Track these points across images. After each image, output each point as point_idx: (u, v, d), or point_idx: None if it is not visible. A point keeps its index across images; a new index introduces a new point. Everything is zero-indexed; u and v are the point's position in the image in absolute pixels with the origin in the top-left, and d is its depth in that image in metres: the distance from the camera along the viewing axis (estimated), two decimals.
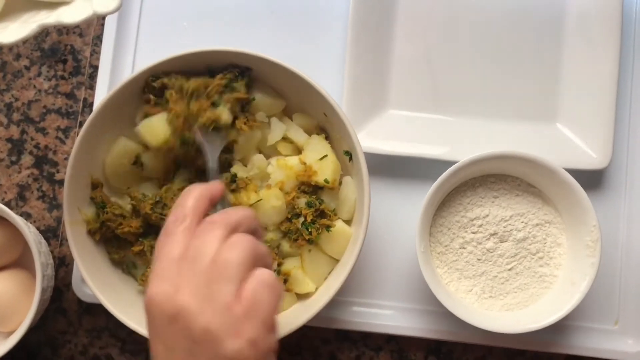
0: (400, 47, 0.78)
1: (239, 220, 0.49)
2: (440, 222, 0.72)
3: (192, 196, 0.50)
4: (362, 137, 0.74)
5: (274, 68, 0.67)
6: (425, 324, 0.76)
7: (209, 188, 0.51)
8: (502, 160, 0.70)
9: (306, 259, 0.67)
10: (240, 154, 0.69)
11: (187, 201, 0.49)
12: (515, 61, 0.78)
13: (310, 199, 0.67)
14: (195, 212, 0.49)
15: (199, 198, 0.50)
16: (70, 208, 0.66)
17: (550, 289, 0.71)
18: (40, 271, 0.70)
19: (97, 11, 0.53)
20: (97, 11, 0.53)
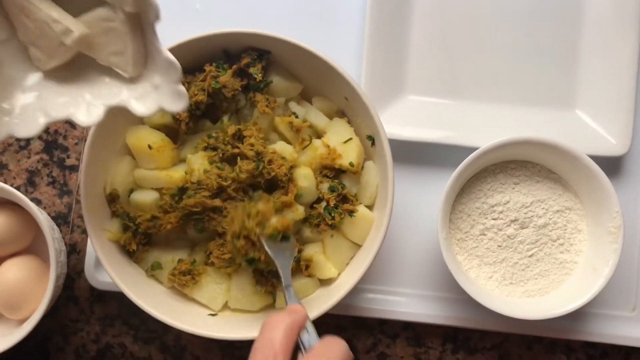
0: (418, 32, 0.77)
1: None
2: (460, 208, 0.72)
3: (281, 330, 0.47)
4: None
5: (295, 51, 0.66)
6: (443, 311, 0.75)
7: (296, 321, 0.50)
8: (524, 146, 0.69)
9: (328, 244, 0.66)
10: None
11: (275, 335, 0.47)
12: (534, 47, 0.77)
13: (333, 183, 0.66)
14: (286, 350, 0.46)
15: (289, 333, 0.48)
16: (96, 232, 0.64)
17: (570, 276, 0.71)
18: (55, 258, 0.69)
19: (163, 107, 0.50)
20: (163, 107, 0.50)
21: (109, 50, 0.47)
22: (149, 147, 0.66)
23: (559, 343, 0.77)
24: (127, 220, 0.66)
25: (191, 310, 0.67)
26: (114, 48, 0.47)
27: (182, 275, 0.66)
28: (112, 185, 0.67)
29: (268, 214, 0.63)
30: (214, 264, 0.67)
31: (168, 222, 0.65)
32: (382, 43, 0.76)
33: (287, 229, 0.63)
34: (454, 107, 0.77)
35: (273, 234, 0.62)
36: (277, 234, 0.62)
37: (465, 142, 0.74)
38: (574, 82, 0.77)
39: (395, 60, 0.77)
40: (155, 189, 0.68)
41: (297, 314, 0.51)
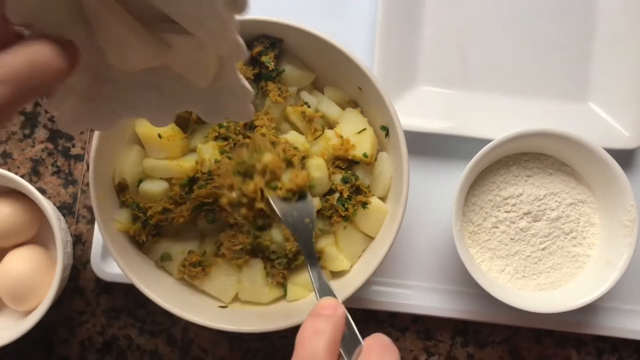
0: (430, 23, 0.76)
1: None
2: (473, 201, 0.71)
3: (324, 339, 0.42)
4: None
5: (308, 39, 0.65)
6: (453, 304, 0.75)
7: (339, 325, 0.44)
8: (539, 138, 0.68)
9: (341, 237, 0.66)
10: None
11: (318, 345, 0.42)
12: (547, 38, 0.76)
13: (346, 174, 0.65)
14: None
15: (332, 343, 0.42)
16: (105, 222, 0.62)
17: (583, 269, 0.70)
18: (62, 248, 0.68)
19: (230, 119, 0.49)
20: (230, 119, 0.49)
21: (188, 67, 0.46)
22: (158, 136, 0.65)
23: (570, 336, 0.76)
24: (137, 211, 0.64)
25: (201, 302, 0.66)
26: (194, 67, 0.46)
27: (193, 267, 0.65)
28: (121, 174, 0.66)
29: (278, 170, 0.53)
30: (224, 255, 0.66)
31: (180, 215, 0.64)
32: (394, 33, 0.75)
33: (304, 186, 0.53)
34: (467, 98, 0.76)
35: (287, 195, 0.52)
36: (293, 195, 0.53)
37: (477, 134, 0.73)
38: (587, 74, 0.76)
39: (408, 51, 0.76)
40: (164, 179, 0.67)
41: (336, 317, 0.44)
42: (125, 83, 0.45)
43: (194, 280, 0.66)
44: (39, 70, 0.36)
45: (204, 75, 0.47)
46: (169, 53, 0.44)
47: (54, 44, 0.37)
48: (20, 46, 0.36)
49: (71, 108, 0.43)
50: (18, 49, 0.36)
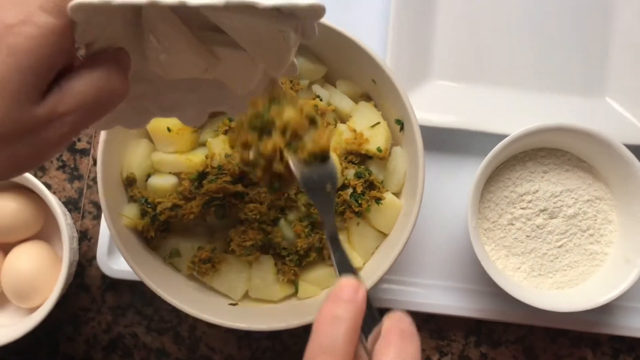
0: (444, 16, 0.75)
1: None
2: (488, 197, 0.70)
3: (344, 327, 0.38)
4: None
5: (321, 31, 0.62)
6: (466, 303, 0.73)
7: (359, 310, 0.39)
8: (556, 133, 0.67)
9: (354, 233, 0.64)
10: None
11: (337, 333, 0.38)
12: (564, 32, 0.75)
13: (360, 169, 0.63)
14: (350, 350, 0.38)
15: (353, 329, 0.38)
16: (113, 217, 0.61)
17: (600, 267, 0.69)
18: (68, 244, 0.66)
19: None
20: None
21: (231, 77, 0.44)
22: (167, 129, 0.64)
23: (585, 336, 0.75)
24: (146, 206, 0.63)
25: (210, 299, 0.65)
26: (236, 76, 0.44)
27: (202, 264, 0.64)
28: (129, 169, 0.65)
29: (300, 129, 0.46)
30: (234, 251, 0.64)
31: (190, 211, 0.62)
32: (407, 27, 0.73)
33: (328, 148, 0.47)
34: (481, 92, 0.75)
35: (309, 159, 0.46)
36: (314, 159, 0.46)
37: (491, 129, 0.72)
38: (603, 67, 0.75)
39: (421, 45, 0.74)
40: (173, 174, 0.65)
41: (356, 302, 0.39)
42: (160, 83, 0.44)
43: (204, 277, 0.64)
44: (106, 95, 0.38)
45: (246, 85, 0.45)
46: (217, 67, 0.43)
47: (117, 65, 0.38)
48: (86, 71, 0.37)
49: None
50: (85, 74, 0.37)
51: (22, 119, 0.35)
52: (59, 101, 0.36)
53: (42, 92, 0.36)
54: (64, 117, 0.36)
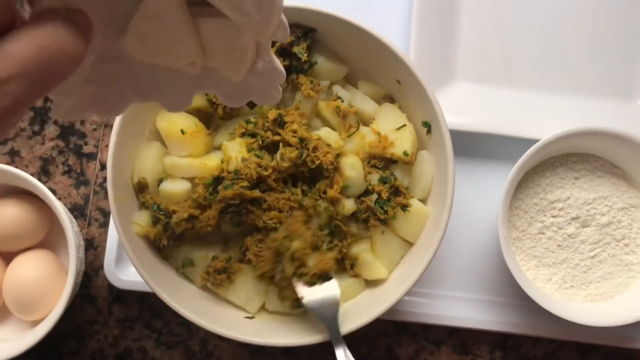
0: (469, 14, 0.72)
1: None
2: (517, 205, 0.66)
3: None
4: None
5: (344, 29, 0.60)
6: (492, 316, 0.69)
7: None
8: (588, 138, 0.63)
9: (378, 242, 0.60)
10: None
11: None
12: (593, 32, 0.72)
13: (385, 174, 0.60)
14: None
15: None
16: (123, 224, 0.57)
17: (637, 279, 0.65)
18: (74, 253, 0.62)
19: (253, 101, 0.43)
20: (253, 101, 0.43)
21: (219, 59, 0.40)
22: (181, 132, 0.60)
23: (617, 352, 0.71)
24: (158, 212, 0.59)
25: (225, 312, 0.61)
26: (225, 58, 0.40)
27: (217, 274, 0.60)
28: (140, 173, 0.61)
29: (304, 255, 0.57)
30: (250, 261, 0.61)
31: (208, 223, 0.59)
32: (431, 27, 0.70)
33: (329, 269, 0.57)
34: (508, 95, 0.71)
35: (312, 280, 0.57)
36: (318, 279, 0.57)
37: (519, 133, 0.69)
38: (634, 70, 0.71)
39: (445, 45, 0.71)
40: (187, 179, 0.62)
41: None
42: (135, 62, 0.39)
43: (218, 288, 0.61)
44: (55, 58, 0.30)
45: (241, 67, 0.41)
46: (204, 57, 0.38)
47: (66, 21, 0.31)
48: (28, 30, 0.30)
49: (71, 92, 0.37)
50: (25, 33, 0.30)
51: None
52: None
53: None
54: (2, 87, 0.29)
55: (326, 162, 0.58)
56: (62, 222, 0.63)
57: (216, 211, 0.59)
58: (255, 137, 0.61)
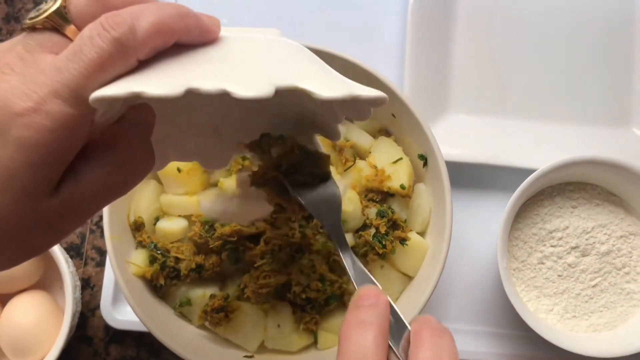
0: (462, 49, 0.73)
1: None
2: (516, 235, 0.66)
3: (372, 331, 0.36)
4: None
5: (338, 64, 0.60)
6: (495, 348, 0.69)
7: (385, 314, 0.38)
8: (586, 166, 0.63)
9: (377, 277, 0.60)
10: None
11: (367, 339, 0.36)
12: (586, 61, 0.72)
13: (382, 208, 0.60)
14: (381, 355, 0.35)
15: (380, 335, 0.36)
16: (120, 264, 0.57)
17: (639, 307, 0.65)
18: (71, 293, 0.62)
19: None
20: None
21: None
22: (177, 170, 0.60)
23: None
24: (155, 251, 0.59)
25: (224, 351, 0.60)
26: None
27: (215, 313, 0.59)
28: (137, 212, 0.61)
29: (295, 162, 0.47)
30: (249, 299, 0.60)
31: (213, 270, 0.59)
32: (424, 60, 0.71)
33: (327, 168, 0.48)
34: (503, 126, 0.72)
35: (307, 179, 0.47)
36: (313, 179, 0.47)
37: (516, 164, 0.69)
38: (629, 97, 0.72)
39: (439, 77, 0.72)
40: (183, 216, 0.62)
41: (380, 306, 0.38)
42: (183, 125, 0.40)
43: (217, 327, 0.60)
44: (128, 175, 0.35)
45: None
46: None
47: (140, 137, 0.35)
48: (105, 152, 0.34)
49: None
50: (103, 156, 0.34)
51: (35, 213, 0.31)
52: (74, 189, 0.32)
53: (56, 183, 0.32)
54: (81, 205, 0.32)
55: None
56: (58, 262, 0.62)
57: (217, 257, 0.58)
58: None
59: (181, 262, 0.59)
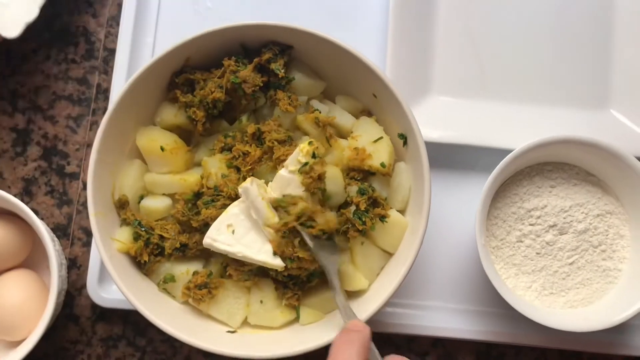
0: (444, 31, 0.73)
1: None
2: (495, 214, 0.67)
3: (356, 347, 0.49)
4: None
5: (321, 45, 0.61)
6: (476, 325, 0.70)
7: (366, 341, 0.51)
8: (563, 146, 0.65)
9: (358, 253, 0.61)
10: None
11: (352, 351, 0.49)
12: (565, 44, 0.73)
13: (363, 186, 0.61)
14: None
15: (363, 349, 0.50)
16: (104, 240, 0.58)
17: (615, 284, 0.66)
18: (56, 271, 0.62)
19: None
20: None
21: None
22: (161, 149, 0.61)
23: (600, 358, 0.72)
24: (139, 229, 0.60)
25: (208, 327, 0.61)
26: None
27: (198, 289, 0.60)
28: (121, 190, 0.62)
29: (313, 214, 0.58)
30: (231, 276, 0.61)
31: (197, 248, 0.61)
32: (406, 42, 0.72)
33: (333, 228, 0.58)
34: (484, 108, 0.73)
35: (318, 233, 0.57)
36: (322, 234, 0.58)
37: (496, 144, 0.70)
38: (607, 80, 0.73)
39: (421, 60, 0.73)
40: (167, 195, 0.63)
41: (364, 332, 0.51)
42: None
43: (200, 304, 0.61)
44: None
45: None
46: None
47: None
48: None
49: None
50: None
51: None
52: None
53: None
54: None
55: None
56: (43, 240, 0.63)
57: (202, 236, 0.59)
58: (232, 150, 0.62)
59: (166, 241, 0.60)
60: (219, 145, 0.62)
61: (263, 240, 0.59)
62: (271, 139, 0.60)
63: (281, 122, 0.63)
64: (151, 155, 0.62)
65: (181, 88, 0.63)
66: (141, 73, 0.59)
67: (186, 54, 0.62)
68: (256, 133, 0.62)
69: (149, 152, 0.62)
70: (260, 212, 0.58)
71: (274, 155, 0.61)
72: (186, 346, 0.71)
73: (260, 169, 0.62)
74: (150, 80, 0.61)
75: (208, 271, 0.61)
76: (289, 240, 0.58)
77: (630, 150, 0.69)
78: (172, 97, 0.63)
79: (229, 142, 0.61)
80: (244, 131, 0.62)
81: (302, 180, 0.58)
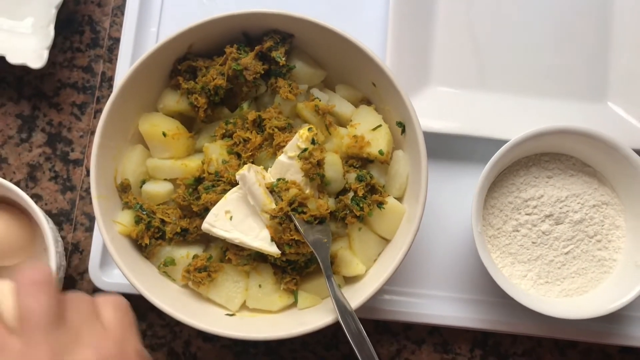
0: (443, 22, 0.74)
1: None
2: (492, 203, 0.68)
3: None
4: None
5: (321, 34, 0.62)
6: (472, 314, 0.71)
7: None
8: (560, 137, 0.65)
9: (355, 239, 0.62)
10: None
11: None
12: (564, 36, 0.74)
13: (361, 173, 0.62)
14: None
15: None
16: (106, 222, 0.59)
17: (609, 274, 0.67)
18: (56, 263, 0.63)
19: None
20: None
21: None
22: (163, 134, 0.62)
23: (594, 348, 0.72)
24: (140, 212, 0.61)
25: (207, 309, 0.62)
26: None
27: (198, 272, 0.61)
28: (123, 174, 0.63)
29: (304, 199, 0.59)
30: (230, 260, 0.62)
31: (197, 233, 0.62)
32: (406, 33, 0.72)
33: (325, 214, 0.59)
34: (482, 99, 0.73)
35: (310, 219, 0.59)
36: (314, 220, 0.59)
37: (494, 135, 0.71)
38: (605, 72, 0.74)
39: (420, 51, 0.74)
40: (169, 180, 0.64)
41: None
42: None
43: (199, 287, 0.62)
44: None
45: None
46: None
47: None
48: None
49: None
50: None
51: None
52: None
53: None
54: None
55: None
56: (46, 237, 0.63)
57: (202, 220, 0.60)
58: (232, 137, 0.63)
59: (167, 225, 0.61)
60: (220, 131, 0.63)
61: (261, 227, 0.60)
62: (271, 126, 0.61)
63: (281, 109, 0.64)
64: (153, 140, 0.63)
65: (184, 75, 0.64)
66: (144, 59, 0.60)
67: (189, 42, 0.63)
68: (257, 120, 0.63)
69: (151, 137, 0.63)
70: (258, 198, 0.59)
71: (274, 142, 0.62)
72: (185, 331, 0.72)
73: (260, 156, 0.63)
74: (153, 66, 0.62)
75: (208, 255, 0.62)
76: (285, 226, 0.59)
77: (626, 142, 0.70)
78: (174, 83, 0.65)
79: (230, 129, 0.62)
80: (244, 118, 0.63)
81: (301, 165, 0.59)
